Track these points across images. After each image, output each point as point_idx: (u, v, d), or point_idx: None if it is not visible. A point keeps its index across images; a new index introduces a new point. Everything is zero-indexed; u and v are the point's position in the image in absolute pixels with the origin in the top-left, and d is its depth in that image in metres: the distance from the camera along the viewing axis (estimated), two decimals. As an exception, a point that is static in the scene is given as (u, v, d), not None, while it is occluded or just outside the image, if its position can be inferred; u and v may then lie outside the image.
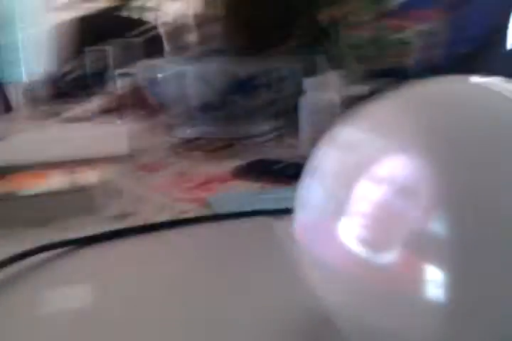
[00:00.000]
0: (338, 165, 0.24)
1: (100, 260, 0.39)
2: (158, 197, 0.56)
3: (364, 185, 0.22)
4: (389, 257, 0.20)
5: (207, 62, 0.78)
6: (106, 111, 1.05)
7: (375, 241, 0.21)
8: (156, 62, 0.82)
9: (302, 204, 0.26)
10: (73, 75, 1.61)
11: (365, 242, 0.21)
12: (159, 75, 0.80)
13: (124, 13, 2.13)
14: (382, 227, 0.21)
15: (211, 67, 0.77)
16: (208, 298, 0.32)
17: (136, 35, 1.72)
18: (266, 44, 0.85)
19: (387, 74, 0.87)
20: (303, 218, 0.26)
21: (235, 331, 0.29)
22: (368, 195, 0.22)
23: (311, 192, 0.25)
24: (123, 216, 0.50)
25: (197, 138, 0.81)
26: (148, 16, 1.80)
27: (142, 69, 0.84)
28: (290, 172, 0.62)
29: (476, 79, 0.24)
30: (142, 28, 1.75)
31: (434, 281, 0.19)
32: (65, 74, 1.61)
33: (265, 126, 0.87)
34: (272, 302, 0.31)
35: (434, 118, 0.22)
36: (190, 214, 0.49)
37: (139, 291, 0.33)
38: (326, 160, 0.25)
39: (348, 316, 0.23)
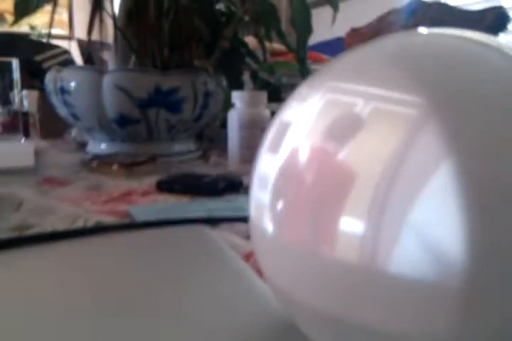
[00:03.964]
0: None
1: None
2: (69, 208, 0.48)
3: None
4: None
5: (126, 72, 0.72)
6: (11, 129, 0.95)
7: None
8: (69, 70, 0.74)
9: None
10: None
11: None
12: (72, 84, 0.73)
13: (34, 38, 2.02)
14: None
15: (130, 77, 0.71)
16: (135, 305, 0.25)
17: (47, 59, 1.63)
18: (188, 59, 0.81)
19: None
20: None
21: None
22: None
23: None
24: (24, 228, 0.42)
25: (113, 155, 0.73)
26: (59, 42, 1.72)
27: (52, 78, 0.76)
28: (220, 186, 0.57)
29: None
30: (54, 52, 1.66)
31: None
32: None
33: (189, 144, 0.82)
34: (220, 315, 0.25)
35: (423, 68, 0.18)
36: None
37: (40, 307, 0.26)
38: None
39: (323, 320, 0.18)
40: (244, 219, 0.43)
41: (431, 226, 0.15)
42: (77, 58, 1.72)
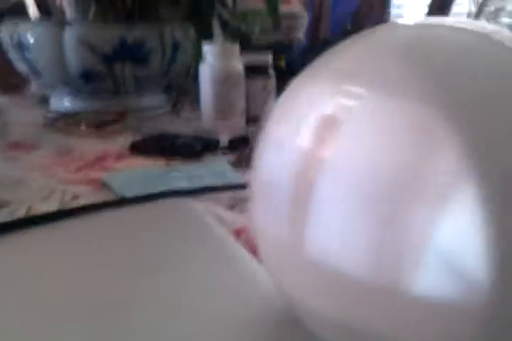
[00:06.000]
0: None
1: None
2: (41, 179, 0.46)
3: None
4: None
5: (88, 25, 0.67)
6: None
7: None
8: (27, 24, 0.69)
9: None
10: None
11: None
12: (31, 40, 0.67)
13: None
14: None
15: (93, 30, 0.67)
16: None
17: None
18: (154, 8, 0.76)
19: (272, 47, 0.81)
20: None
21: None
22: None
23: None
24: (-2, 204, 0.40)
25: (78, 112, 0.70)
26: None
27: (8, 32, 0.70)
28: (197, 147, 0.55)
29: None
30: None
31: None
32: None
33: (159, 97, 0.78)
34: (214, 294, 0.25)
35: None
36: (86, 199, 0.40)
37: (30, 296, 0.25)
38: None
39: (330, 321, 0.17)
40: (228, 188, 0.42)
41: (453, 247, 0.14)
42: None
